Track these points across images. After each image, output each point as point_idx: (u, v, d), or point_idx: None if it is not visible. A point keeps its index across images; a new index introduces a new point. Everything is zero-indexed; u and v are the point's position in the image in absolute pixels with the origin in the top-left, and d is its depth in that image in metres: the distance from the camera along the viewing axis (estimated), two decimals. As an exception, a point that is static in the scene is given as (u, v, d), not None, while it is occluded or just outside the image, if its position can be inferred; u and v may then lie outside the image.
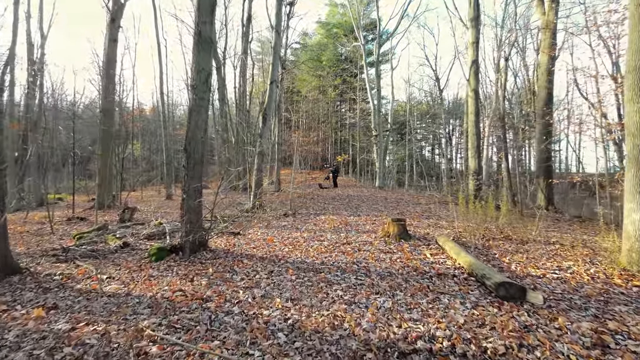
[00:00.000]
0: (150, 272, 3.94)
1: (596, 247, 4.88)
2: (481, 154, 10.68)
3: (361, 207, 9.11)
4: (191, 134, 4.39)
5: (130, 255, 4.80)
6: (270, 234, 6.10)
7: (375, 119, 17.19)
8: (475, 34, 10.54)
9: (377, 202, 10.27)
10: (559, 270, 3.84)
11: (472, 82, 10.45)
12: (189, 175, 4.41)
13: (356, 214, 8.10)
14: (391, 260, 4.23)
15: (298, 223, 7.07)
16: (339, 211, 8.54)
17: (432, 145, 36.63)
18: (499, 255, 4.40)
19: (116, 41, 11.86)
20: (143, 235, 6.11)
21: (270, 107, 8.47)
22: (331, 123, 29.98)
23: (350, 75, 28.47)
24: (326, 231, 6.17)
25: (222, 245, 5.25)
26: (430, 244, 4.94)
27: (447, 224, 6.67)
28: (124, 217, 8.34)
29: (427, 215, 7.68)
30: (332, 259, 4.42)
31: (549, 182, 10.67)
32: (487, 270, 3.40)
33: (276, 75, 8.61)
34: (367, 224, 6.71)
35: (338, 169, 15.06)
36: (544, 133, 10.66)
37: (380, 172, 16.75)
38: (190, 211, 4.45)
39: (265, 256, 4.58)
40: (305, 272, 3.91)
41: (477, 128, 10.33)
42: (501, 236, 5.47)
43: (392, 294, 3.20)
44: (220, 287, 3.42)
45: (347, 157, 25.24)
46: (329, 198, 11.16)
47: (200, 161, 4.51)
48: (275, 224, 7.01)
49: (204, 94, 4.43)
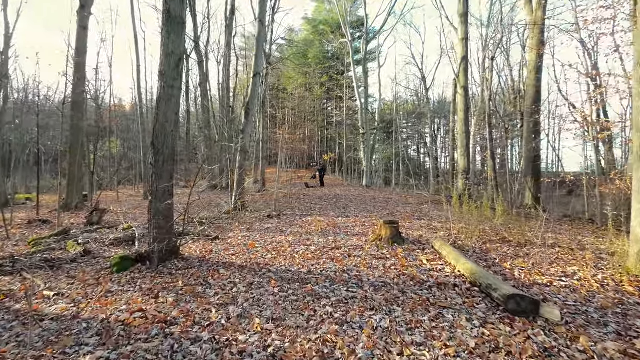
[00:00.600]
0: (109, 287, 3.39)
1: (596, 250, 4.66)
2: (470, 153, 10.50)
3: (349, 208, 8.72)
4: (159, 127, 3.84)
5: (90, 265, 4.21)
6: (252, 238, 5.60)
7: (362, 117, 16.88)
8: (465, 30, 10.34)
9: (365, 201, 9.92)
10: (565, 277, 3.56)
11: (461, 79, 10.26)
12: (156, 174, 3.86)
13: (344, 214, 7.70)
14: (385, 268, 3.84)
15: (283, 225, 6.60)
16: (327, 212, 8.12)
17: (418, 145, 36.84)
18: (499, 261, 4.09)
19: (86, 29, 10.97)
20: (109, 240, 5.48)
21: (253, 101, 7.94)
22: (318, 121, 29.54)
23: (337, 73, 28.10)
24: (313, 234, 5.73)
25: (198, 252, 4.72)
26: (425, 248, 4.59)
27: (440, 225, 6.36)
28: (92, 220, 7.62)
29: (419, 216, 7.37)
30: (320, 266, 3.99)
31: (537, 181, 10.64)
32: (492, 280, 3.05)
33: (260, 68, 8.09)
34: (357, 226, 6.31)
35: (325, 168, 14.66)
36: (532, 132, 10.60)
37: (367, 171, 16.46)
38: (158, 215, 3.91)
39: (245, 264, 4.10)
40: (289, 283, 3.46)
41: (467, 126, 10.15)
42: (497, 238, 5.20)
43: (389, 310, 2.80)
44: (190, 304, 2.92)
45: (333, 156, 24.87)
46: (315, 198, 10.73)
47: (170, 158, 3.97)
48: (258, 227, 6.52)
49: (174, 81, 3.90)
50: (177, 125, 4.03)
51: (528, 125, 10.51)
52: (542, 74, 10.72)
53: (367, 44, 17.30)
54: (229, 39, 17.14)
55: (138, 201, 12.90)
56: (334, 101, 28.75)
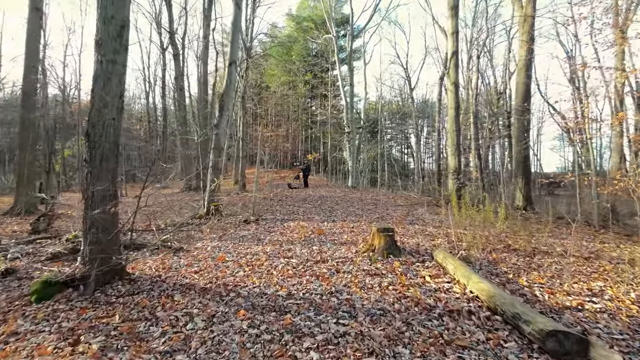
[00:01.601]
0: (18, 325, 2.51)
1: (610, 258, 4.18)
2: (461, 152, 10.06)
3: (336, 211, 8.03)
4: (96, 113, 2.99)
5: (7, 291, 3.28)
6: (223, 249, 4.79)
7: (347, 115, 16.27)
8: (455, 24, 9.89)
9: (352, 203, 9.26)
10: (594, 296, 2.99)
11: (451, 74, 9.79)
12: (92, 174, 3.01)
13: (330, 219, 7.00)
14: (382, 288, 3.15)
15: (261, 232, 5.81)
16: (311, 215, 7.38)
17: (402, 145, 36.81)
18: (513, 275, 3.50)
19: (40, 10, 9.75)
20: (47, 254, 4.52)
21: (228, 92, 7.11)
22: (301, 120, 28.76)
23: (321, 71, 27.43)
24: (295, 243, 4.99)
25: (153, 270, 3.87)
26: (425, 261, 3.94)
27: (435, 230, 5.77)
28: (37, 227, 6.54)
29: (411, 220, 6.77)
30: (303, 286, 3.26)
31: (528, 182, 10.35)
32: (519, 308, 2.42)
33: (236, 55, 7.26)
34: (345, 233, 5.62)
35: (309, 168, 13.92)
36: (523, 131, 10.29)
37: (353, 171, 15.86)
38: (95, 226, 3.06)
39: (209, 286, 3.30)
40: (263, 313, 2.71)
41: (457, 124, 9.69)
42: (502, 246, 4.64)
43: (393, 354, 2.10)
44: (120, 355, 2.11)
45: (318, 156, 24.19)
46: (299, 200, 9.97)
47: (112, 153, 3.12)
48: (233, 234, 5.69)
49: (116, 54, 3.05)
50: (121, 113, 3.19)
51: (518, 124, 10.19)
52: (532, 71, 10.45)
53: (353, 38, 16.71)
54: (206, 30, 16.07)
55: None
56: (319, 99, 28.07)
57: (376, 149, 23.83)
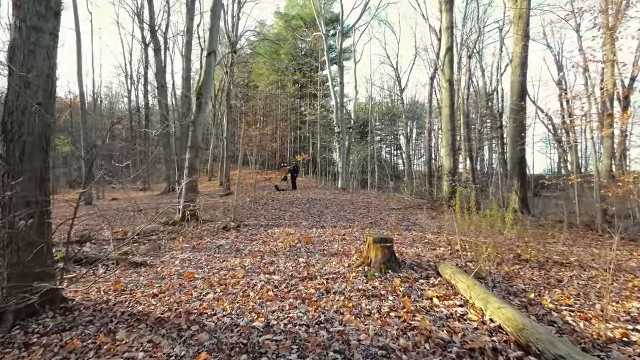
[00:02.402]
0: None
1: (628, 268, 3.72)
2: (457, 152, 9.63)
3: (325, 215, 7.43)
4: (13, 96, 2.30)
5: None
6: (194, 262, 4.11)
7: (337, 115, 15.73)
8: (449, 19, 9.48)
9: (343, 207, 8.68)
10: (634, 321, 2.49)
11: (446, 71, 9.37)
12: (9, 174, 2.32)
13: (319, 224, 6.39)
14: (382, 316, 2.56)
15: (241, 241, 5.15)
16: (298, 220, 6.76)
17: (392, 146, 36.65)
18: (533, 295, 2.97)
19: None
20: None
21: (207, 85, 6.43)
22: (290, 120, 28.07)
23: (310, 70, 26.85)
24: (279, 254, 4.36)
25: (102, 292, 3.17)
26: (430, 276, 3.38)
27: (435, 237, 5.25)
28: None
29: (407, 225, 6.23)
30: (285, 314, 2.63)
31: (524, 184, 10.01)
32: (562, 347, 1.87)
33: (215, 44, 6.59)
34: (335, 241, 5.02)
35: (297, 169, 13.28)
36: (518, 130, 9.95)
37: (343, 172, 15.32)
38: (16, 243, 2.36)
39: (167, 315, 2.64)
40: (231, 355, 2.08)
41: (452, 123, 9.26)
42: (512, 256, 4.14)
43: None
44: None
45: (307, 157, 23.57)
46: (285, 203, 9.33)
47: (38, 149, 2.43)
48: (208, 244, 5.01)
49: (43, 21, 2.37)
50: (52, 99, 2.50)
51: (514, 123, 9.85)
52: (527, 69, 10.14)
53: (343, 38, 16.21)
54: (190, 24, 15.24)
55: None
56: (308, 99, 27.47)
57: (366, 149, 23.39)
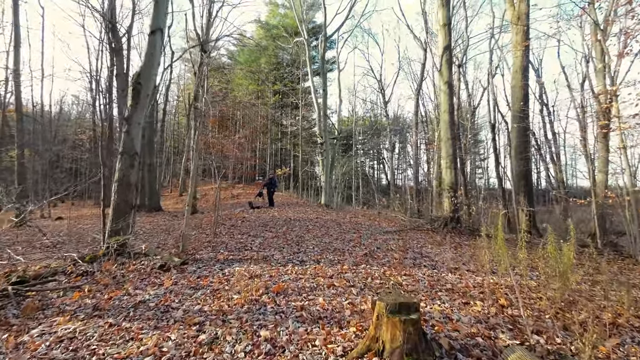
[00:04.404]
0: None
1: None
2: (457, 165, 8.39)
3: (306, 242, 5.83)
4: None
5: None
6: (76, 345, 2.40)
7: (320, 124, 14.38)
8: (447, 15, 8.45)
9: (328, 230, 7.12)
10: None
11: (444, 72, 8.25)
12: None
13: (297, 257, 4.78)
14: None
15: (179, 291, 3.44)
16: (270, 252, 5.12)
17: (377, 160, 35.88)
18: None
19: None
20: None
21: (148, 71, 4.83)
22: (271, 132, 26.56)
23: (292, 81, 25.72)
24: (230, 319, 2.72)
25: None
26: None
27: (456, 278, 3.78)
28: None
29: (414, 258, 4.74)
30: None
31: (531, 201, 8.88)
32: None
33: (161, 21, 5.03)
34: (320, 290, 3.42)
35: (275, 183, 11.61)
36: (523, 140, 8.91)
37: (326, 187, 13.83)
38: None
39: None
40: None
41: (453, 131, 8.05)
42: (591, 314, 2.70)
43: None
44: None
45: (287, 170, 21.99)
46: (258, 225, 7.65)
47: None
48: (125, 301, 3.26)
49: None
50: None
51: (518, 132, 8.80)
52: (529, 72, 9.25)
53: (327, 40, 15.11)
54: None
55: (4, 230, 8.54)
56: (289, 109, 26.19)
57: (351, 163, 22.14)
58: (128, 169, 4.71)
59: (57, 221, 12.38)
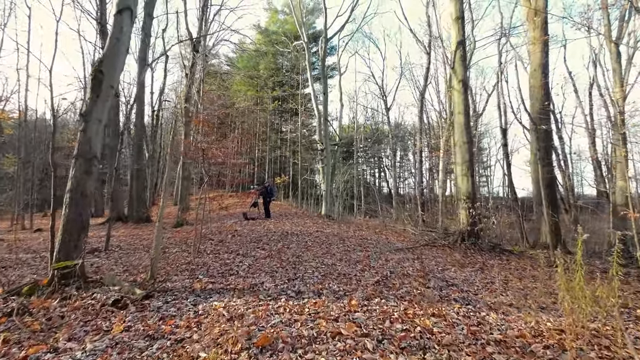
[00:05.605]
0: None
1: None
2: (474, 172, 7.51)
3: (304, 264, 4.89)
4: None
5: None
6: None
7: (321, 130, 13.58)
8: (460, 8, 7.70)
9: (330, 247, 6.18)
10: None
11: (458, 69, 7.45)
12: None
13: (293, 285, 3.85)
14: None
15: (125, 346, 2.49)
16: (259, 277, 4.18)
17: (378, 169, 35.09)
18: None
19: None
20: None
21: (113, 60, 3.99)
22: (270, 139, 25.77)
23: (291, 87, 25.07)
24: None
25: None
26: None
27: (500, 320, 2.85)
28: None
29: (440, 288, 3.80)
30: None
31: (556, 212, 7.97)
32: None
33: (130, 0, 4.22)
34: (323, 347, 2.48)
35: (271, 192, 10.68)
36: (546, 145, 8.06)
37: (327, 196, 12.93)
38: None
39: None
40: None
41: (469, 134, 7.20)
42: None
43: None
44: None
45: (286, 179, 21.10)
46: (249, 241, 6.71)
47: None
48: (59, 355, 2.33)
49: None
50: None
51: (539, 135, 7.96)
52: (549, 70, 8.46)
53: (327, 41, 14.43)
54: (149, 9, 12.98)
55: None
56: (288, 115, 25.48)
57: (352, 171, 21.29)
58: (83, 175, 3.81)
59: (35, 233, 11.42)
